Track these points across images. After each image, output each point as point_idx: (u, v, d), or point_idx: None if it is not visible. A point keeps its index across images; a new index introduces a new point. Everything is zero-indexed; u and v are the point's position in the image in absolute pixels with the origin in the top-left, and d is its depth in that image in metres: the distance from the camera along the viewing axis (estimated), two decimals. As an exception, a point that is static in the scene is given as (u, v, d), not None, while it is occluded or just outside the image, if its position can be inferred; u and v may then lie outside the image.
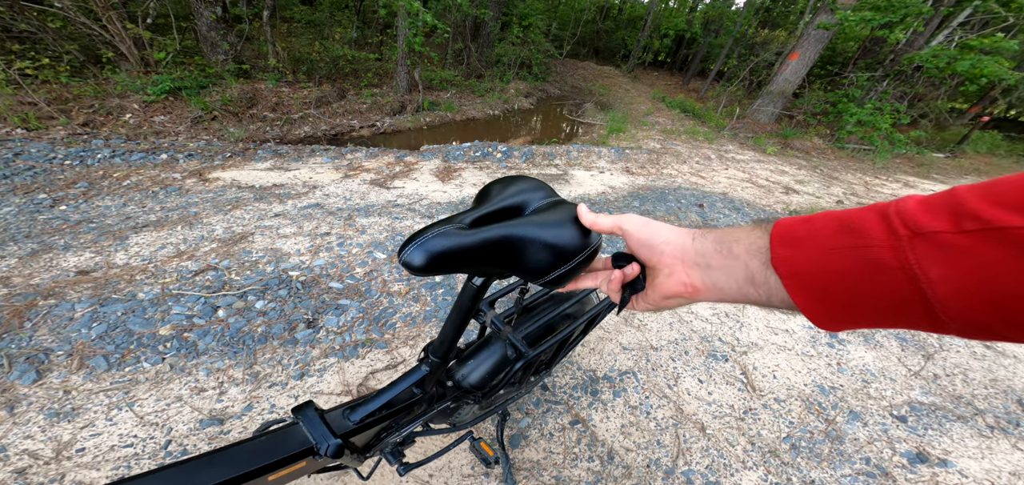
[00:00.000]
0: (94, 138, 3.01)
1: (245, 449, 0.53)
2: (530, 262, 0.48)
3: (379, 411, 0.67)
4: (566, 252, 0.48)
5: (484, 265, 0.47)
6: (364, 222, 2.41)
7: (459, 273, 0.47)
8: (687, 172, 4.61)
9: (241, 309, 1.60)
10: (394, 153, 3.77)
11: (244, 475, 0.50)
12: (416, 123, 5.39)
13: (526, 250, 0.47)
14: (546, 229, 0.48)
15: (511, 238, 0.46)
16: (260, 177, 2.89)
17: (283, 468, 0.54)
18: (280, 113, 4.37)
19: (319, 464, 0.63)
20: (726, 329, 1.92)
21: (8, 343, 1.34)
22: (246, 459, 0.52)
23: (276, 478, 0.55)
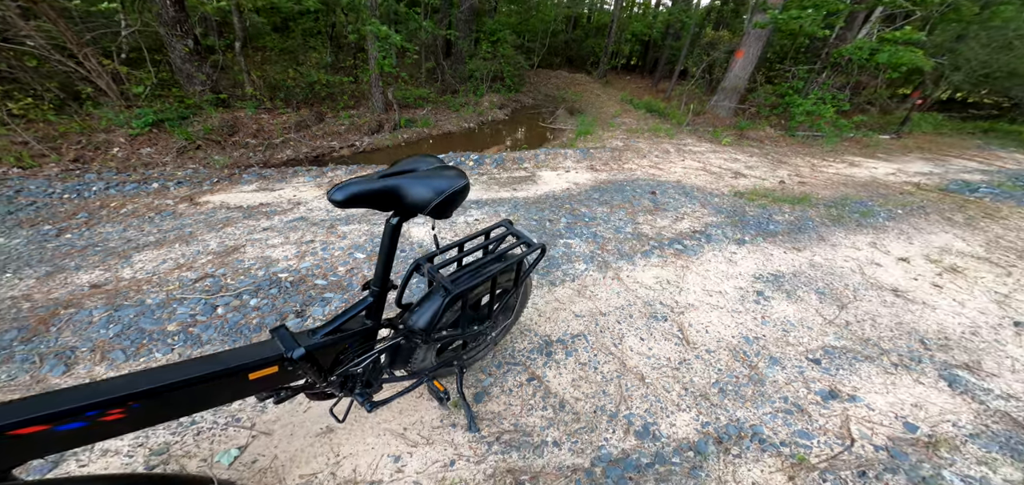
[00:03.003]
0: (87, 172, 3.11)
1: (233, 353, 0.71)
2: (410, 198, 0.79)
3: (335, 332, 0.85)
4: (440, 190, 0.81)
5: (383, 203, 0.77)
6: (345, 229, 2.57)
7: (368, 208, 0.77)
8: (646, 165, 4.87)
9: (237, 306, 1.76)
10: (373, 168, 3.92)
11: (230, 370, 0.68)
12: (394, 140, 5.56)
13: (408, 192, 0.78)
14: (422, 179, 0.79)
15: (397, 185, 0.77)
16: (247, 198, 3.03)
17: (259, 369, 0.72)
18: (261, 139, 4.49)
19: (290, 375, 0.80)
20: (667, 294, 2.13)
21: (38, 344, 1.50)
22: (233, 359, 0.69)
23: (255, 377, 0.72)
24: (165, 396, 0.64)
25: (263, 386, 0.77)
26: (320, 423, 1.32)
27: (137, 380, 0.62)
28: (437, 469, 1.24)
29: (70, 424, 0.57)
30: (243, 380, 0.73)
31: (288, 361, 0.77)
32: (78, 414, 0.57)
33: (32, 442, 0.55)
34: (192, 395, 0.67)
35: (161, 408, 0.65)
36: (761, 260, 2.63)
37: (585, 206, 3.30)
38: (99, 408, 0.58)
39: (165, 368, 0.66)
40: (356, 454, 1.24)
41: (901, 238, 3.18)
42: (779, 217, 3.41)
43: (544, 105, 10.00)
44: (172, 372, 0.65)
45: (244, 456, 1.23)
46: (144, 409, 0.63)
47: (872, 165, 6.07)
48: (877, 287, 2.39)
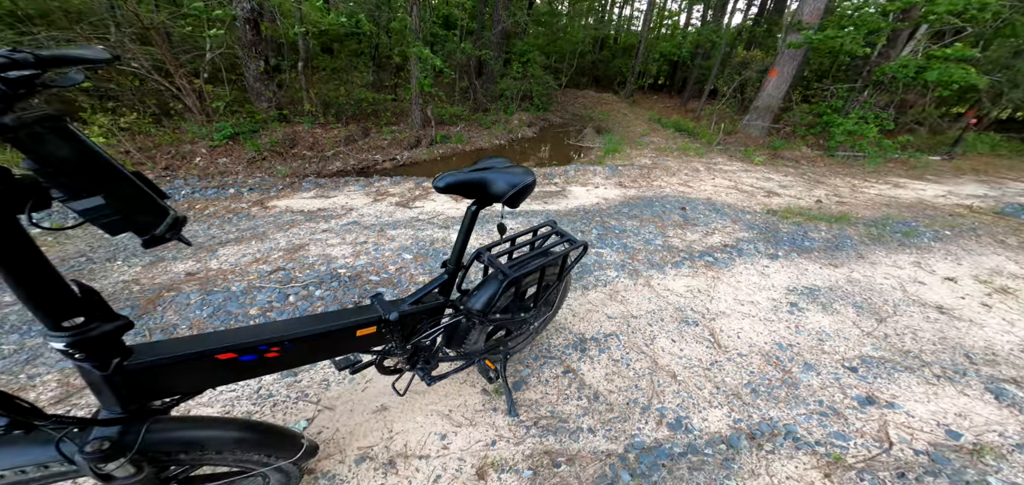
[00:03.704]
0: (175, 178, 3.59)
1: (344, 312, 0.90)
2: (493, 189, 0.98)
3: (417, 303, 1.02)
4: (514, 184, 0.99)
5: (470, 191, 0.98)
6: (393, 233, 2.82)
7: (459, 194, 0.96)
8: (675, 183, 4.91)
9: (305, 296, 2.00)
10: (414, 180, 4.24)
11: (345, 326, 0.87)
12: (431, 155, 5.91)
13: (491, 183, 0.98)
14: (501, 173, 0.98)
15: (483, 178, 0.98)
16: (307, 204, 3.38)
17: (364, 328, 0.90)
18: (316, 151, 4.95)
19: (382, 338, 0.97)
20: (698, 302, 2.18)
21: (148, 321, 1.78)
22: (346, 317, 0.88)
23: (360, 334, 0.90)
24: (305, 342, 0.82)
25: (364, 343, 0.95)
26: (376, 402, 1.47)
27: (288, 326, 0.82)
28: (479, 448, 1.35)
29: (248, 356, 0.75)
30: (352, 336, 0.91)
31: (384, 323, 0.94)
32: (253, 348, 0.75)
33: (225, 367, 0.74)
34: (320, 343, 0.86)
35: (301, 352, 0.83)
36: (795, 274, 2.62)
37: (615, 219, 3.40)
38: (266, 344, 0.77)
39: (303, 319, 0.86)
40: (407, 431, 1.38)
41: (948, 259, 3.05)
42: (815, 235, 3.36)
43: (571, 124, 10.22)
44: (309, 324, 0.84)
45: (311, 427, 1.39)
46: (292, 351, 0.82)
47: (919, 187, 5.78)
48: (920, 304, 2.33)
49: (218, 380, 0.76)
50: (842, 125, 7.04)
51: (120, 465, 0.66)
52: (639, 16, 21.26)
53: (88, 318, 0.59)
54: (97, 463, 0.63)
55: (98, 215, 0.53)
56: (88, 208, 0.51)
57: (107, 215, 0.53)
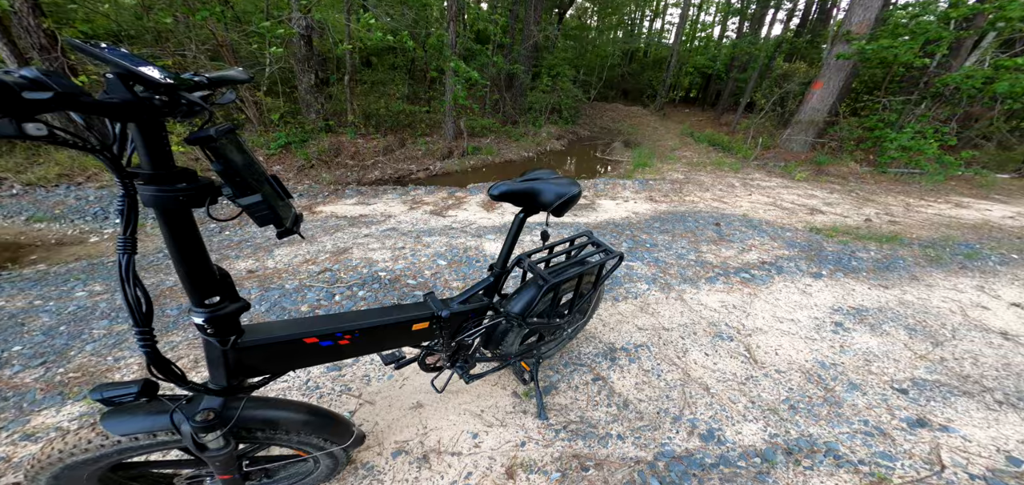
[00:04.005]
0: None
1: (402, 308, 1.02)
2: (542, 198, 1.08)
3: (466, 302, 1.13)
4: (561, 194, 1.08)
5: (521, 200, 1.08)
6: (428, 240, 3.00)
7: (511, 202, 1.07)
8: (709, 198, 4.85)
9: (349, 296, 2.19)
10: (447, 190, 4.46)
11: (403, 321, 0.98)
12: (462, 166, 6.16)
13: (541, 193, 1.08)
14: (550, 184, 1.07)
15: (534, 187, 1.08)
16: (350, 210, 3.67)
17: (419, 323, 1.02)
18: (357, 160, 5.33)
19: (433, 333, 1.08)
20: (733, 317, 2.17)
21: None
22: (405, 311, 1.00)
23: (416, 328, 1.02)
24: (370, 332, 0.93)
25: (417, 338, 1.04)
26: (412, 399, 1.57)
27: (358, 317, 0.93)
28: (509, 447, 1.42)
29: (326, 342, 0.86)
30: (408, 330, 1.00)
31: (437, 319, 1.04)
32: (331, 335, 0.86)
33: (308, 351, 0.84)
34: (382, 334, 0.96)
35: (366, 341, 0.94)
36: (841, 294, 2.54)
37: (646, 233, 3.42)
38: (341, 332, 0.88)
39: (369, 311, 0.98)
40: (441, 428, 1.46)
41: (1016, 284, 2.84)
42: (863, 255, 3.23)
43: (600, 137, 10.29)
44: (374, 316, 0.95)
45: (353, 419, 1.52)
46: (360, 340, 0.92)
47: (984, 207, 5.39)
48: (982, 329, 2.19)
49: (301, 362, 0.86)
50: (896, 140, 6.69)
51: (216, 437, 0.75)
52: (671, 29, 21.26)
53: (222, 298, 0.70)
54: (200, 432, 0.73)
55: (255, 209, 0.64)
56: (250, 204, 0.63)
57: (261, 210, 0.64)
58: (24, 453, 1.27)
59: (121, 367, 1.65)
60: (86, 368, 1.61)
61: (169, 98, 0.55)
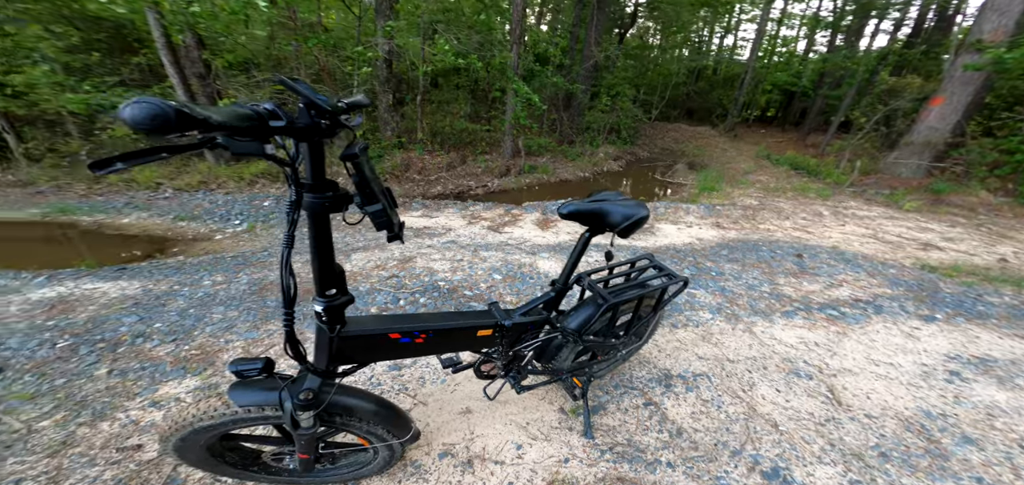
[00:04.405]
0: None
1: (469, 314, 1.12)
2: (609, 219, 1.12)
3: (527, 314, 1.20)
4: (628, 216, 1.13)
5: (588, 219, 1.14)
6: (485, 254, 3.20)
7: (577, 221, 1.13)
8: (789, 227, 4.46)
9: (412, 301, 2.42)
10: (504, 207, 4.70)
11: (471, 326, 1.07)
12: (518, 184, 6.41)
13: (609, 214, 1.14)
14: (617, 205, 1.13)
15: (602, 208, 1.14)
16: (416, 222, 4.05)
17: (484, 330, 1.10)
18: (423, 176, 5.87)
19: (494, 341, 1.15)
20: (815, 355, 1.99)
21: (300, 309, 2.32)
22: (472, 318, 1.10)
23: (480, 334, 1.10)
24: (442, 334, 1.02)
25: (479, 343, 1.13)
26: (462, 404, 1.66)
27: (432, 319, 1.04)
28: (552, 463, 1.44)
29: (404, 338, 0.96)
30: (473, 335, 1.09)
31: (500, 328, 1.12)
32: (411, 333, 0.96)
33: (391, 345, 0.96)
34: (451, 337, 1.05)
35: (437, 341, 1.03)
36: (960, 341, 2.19)
37: (710, 261, 3.27)
38: (418, 331, 0.97)
39: (442, 314, 1.08)
40: (486, 436, 1.52)
41: None
42: (995, 299, 2.74)
43: (660, 158, 10.00)
44: (446, 319, 1.06)
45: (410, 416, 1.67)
46: (433, 339, 1.01)
47: None
48: None
49: (384, 355, 0.98)
50: (1048, 163, 5.58)
51: (309, 416, 0.85)
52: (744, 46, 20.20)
53: (337, 291, 0.82)
54: (298, 410, 0.83)
55: (376, 216, 0.75)
56: (373, 211, 0.75)
57: (381, 217, 0.76)
58: (149, 418, 1.56)
59: (229, 348, 2.00)
60: (204, 347, 1.99)
61: (331, 122, 0.70)
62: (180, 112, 0.45)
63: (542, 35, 9.14)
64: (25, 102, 5.06)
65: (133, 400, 1.63)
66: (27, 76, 4.74)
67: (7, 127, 5.32)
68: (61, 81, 4.85)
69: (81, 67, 5.26)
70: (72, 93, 4.77)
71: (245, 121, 0.56)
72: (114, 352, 1.92)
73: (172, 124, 0.44)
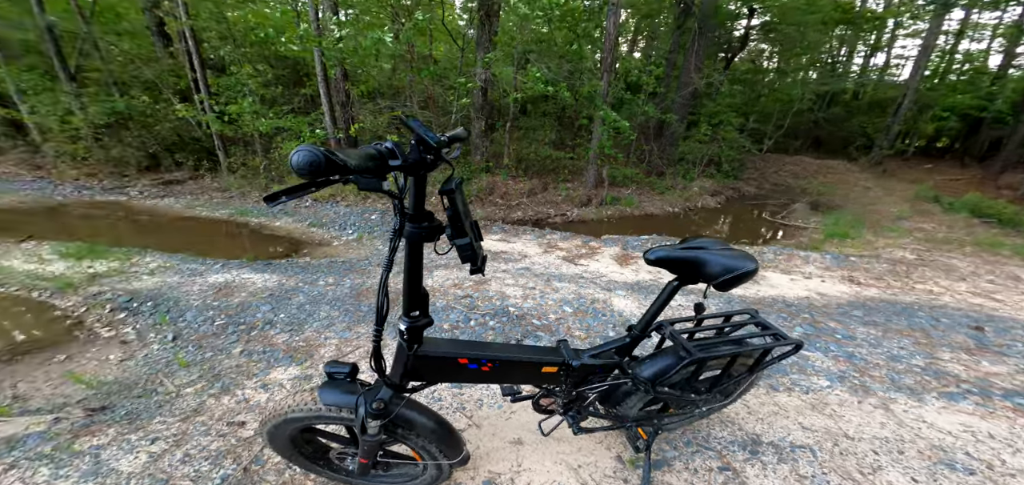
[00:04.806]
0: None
1: (536, 349, 1.13)
2: (705, 270, 1.03)
3: (597, 356, 1.15)
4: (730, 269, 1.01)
5: (678, 268, 1.05)
6: (558, 285, 3.21)
7: (665, 269, 1.06)
8: (963, 290, 3.46)
9: (482, 323, 2.55)
10: (581, 238, 4.67)
11: (537, 362, 1.07)
12: (599, 215, 6.30)
13: (706, 264, 1.03)
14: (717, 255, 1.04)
15: (697, 257, 1.04)
16: (494, 246, 4.28)
17: (549, 367, 1.08)
18: (505, 201, 6.22)
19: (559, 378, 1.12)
20: (985, 448, 1.48)
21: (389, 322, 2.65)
22: (539, 353, 1.10)
23: (545, 371, 1.08)
24: (507, 365, 1.04)
25: (543, 379, 1.12)
26: (514, 434, 1.62)
27: (500, 349, 1.07)
28: None
29: (472, 364, 1.00)
30: (537, 370, 1.08)
31: (566, 367, 1.09)
32: (478, 360, 1.00)
33: (458, 370, 1.01)
34: (515, 369, 1.07)
35: (502, 372, 1.05)
36: None
37: (834, 321, 2.73)
38: (485, 359, 1.01)
39: (509, 346, 1.11)
40: (533, 471, 1.46)
41: None
42: None
43: (772, 196, 8.80)
44: (513, 351, 1.09)
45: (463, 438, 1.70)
46: (498, 369, 1.04)
47: None
48: None
49: (452, 378, 1.02)
50: None
51: (377, 424, 0.92)
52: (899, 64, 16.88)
53: (420, 312, 0.89)
54: (369, 417, 0.90)
55: (463, 249, 0.80)
56: (461, 244, 0.81)
57: (467, 251, 0.81)
58: (257, 399, 1.85)
59: (327, 344, 2.33)
60: (309, 341, 2.38)
61: (434, 157, 0.77)
62: (329, 159, 0.57)
63: (635, 63, 9.06)
64: (233, 126, 6.89)
65: (250, 380, 2.02)
66: (238, 106, 6.50)
67: (220, 145, 7.35)
68: (257, 110, 6.52)
69: (269, 98, 7.01)
70: (263, 119, 6.37)
71: (370, 161, 0.66)
72: (248, 335, 2.43)
73: (322, 169, 0.56)
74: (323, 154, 0.55)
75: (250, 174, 7.20)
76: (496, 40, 6.60)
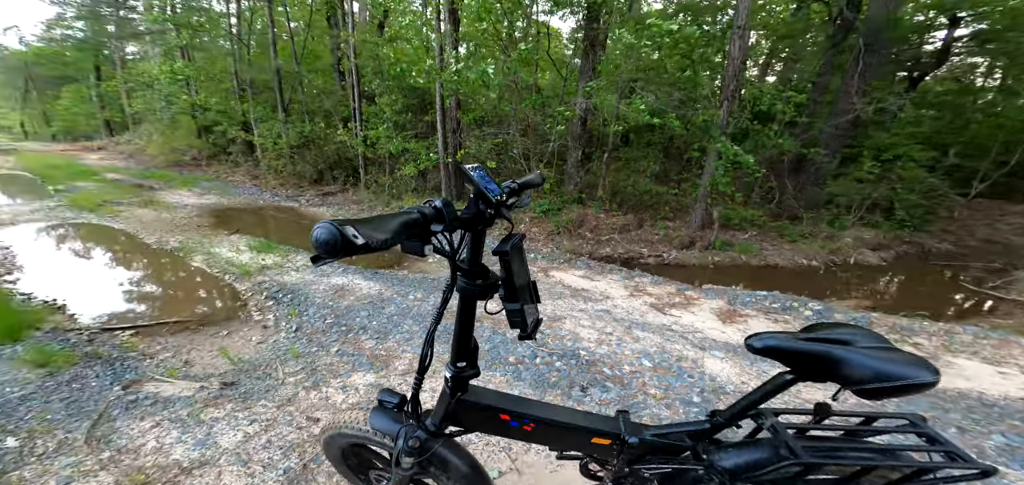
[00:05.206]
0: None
1: (588, 415, 1.02)
2: (842, 371, 0.73)
3: (662, 436, 0.99)
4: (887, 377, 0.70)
5: (805, 364, 0.78)
6: (640, 334, 2.91)
7: (781, 362, 0.79)
8: None
9: (548, 362, 2.46)
10: (676, 285, 4.16)
11: (587, 429, 0.97)
12: (703, 260, 5.53)
13: (845, 364, 0.72)
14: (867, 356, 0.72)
15: (830, 353, 0.74)
16: (575, 281, 4.12)
17: (601, 438, 0.97)
18: (595, 234, 5.96)
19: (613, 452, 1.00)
20: None
21: None
22: (590, 420, 1.00)
23: (595, 442, 0.98)
24: (551, 427, 0.98)
25: (593, 449, 1.01)
26: None
27: (546, 410, 1.00)
28: None
29: (513, 421, 0.97)
30: (587, 439, 0.99)
31: (622, 442, 0.96)
32: (520, 416, 0.96)
33: (499, 423, 0.99)
34: (562, 434, 0.99)
35: (546, 434, 0.99)
36: None
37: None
38: (527, 418, 0.96)
39: (557, 408, 1.03)
40: None
41: None
42: None
43: (977, 256, 6.51)
44: (561, 414, 1.00)
45: (499, 480, 1.62)
46: (541, 431, 0.98)
47: None
48: None
49: (490, 430, 1.01)
50: None
51: (411, 461, 0.95)
52: None
53: (467, 364, 0.91)
54: (404, 453, 0.94)
55: (513, 314, 0.80)
56: (512, 309, 0.80)
57: (516, 316, 0.80)
58: (336, 399, 2.07)
59: (401, 357, 2.53)
60: (390, 351, 2.61)
61: (495, 212, 0.76)
62: (345, 240, 0.55)
63: (767, 89, 7.82)
64: (372, 149, 8.33)
65: (336, 379, 2.30)
66: (376, 131, 7.84)
67: (362, 165, 8.97)
68: (390, 134, 7.72)
69: (400, 123, 8.20)
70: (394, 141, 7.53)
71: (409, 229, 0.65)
72: (345, 336, 2.79)
73: (338, 248, 0.54)
74: (339, 234, 0.53)
75: (379, 190, 8.57)
76: (600, 68, 6.49)
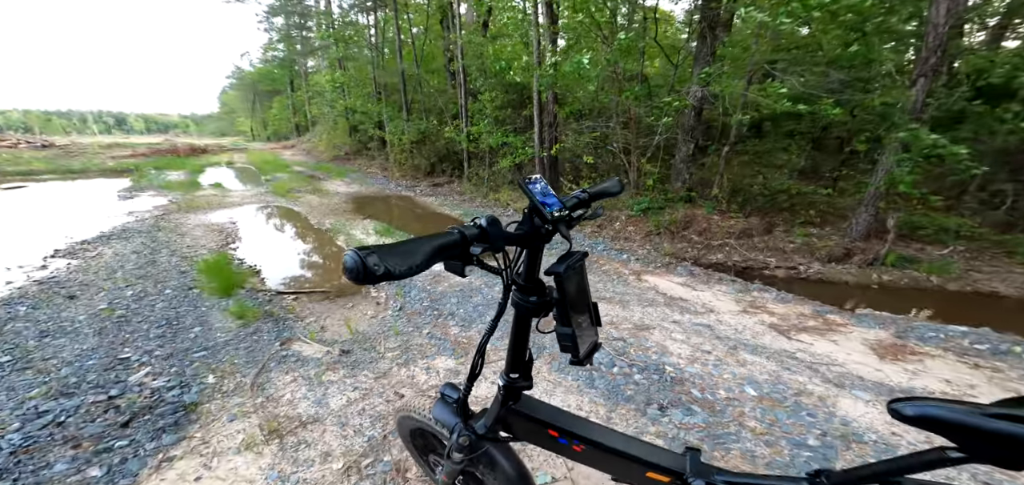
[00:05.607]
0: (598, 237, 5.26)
1: (647, 446, 0.91)
2: None
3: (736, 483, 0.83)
4: None
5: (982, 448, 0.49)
6: (747, 358, 2.45)
7: (942, 435, 0.51)
8: None
9: (626, 373, 2.26)
10: (812, 305, 3.35)
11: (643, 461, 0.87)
12: (862, 278, 4.24)
13: None
14: None
15: None
16: (673, 289, 3.69)
17: (657, 472, 0.86)
18: (703, 238, 5.17)
19: None
20: None
21: None
22: (649, 452, 0.89)
23: (651, 476, 0.87)
24: (601, 451, 0.92)
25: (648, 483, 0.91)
26: None
27: (599, 432, 0.94)
28: None
29: (562, 439, 0.94)
30: (642, 473, 0.89)
31: (682, 482, 0.85)
32: (570, 435, 0.93)
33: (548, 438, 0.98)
34: (613, 462, 0.93)
35: (596, 458, 0.94)
36: None
37: None
38: (576, 438, 0.93)
39: (612, 433, 0.96)
40: None
41: None
42: None
43: None
44: (615, 439, 0.93)
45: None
46: (589, 453, 0.93)
47: None
48: None
49: (537, 442, 1.01)
50: None
51: (461, 456, 1.00)
52: None
53: (520, 375, 0.93)
54: (456, 448, 1.00)
55: (564, 338, 0.77)
56: (563, 333, 0.78)
57: (567, 341, 0.78)
58: (420, 379, 2.25)
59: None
60: (471, 339, 2.74)
61: (553, 228, 0.74)
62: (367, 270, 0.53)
63: (1002, 57, 5.43)
64: (474, 143, 8.98)
65: (423, 359, 2.52)
66: (478, 127, 8.39)
67: (466, 158, 9.68)
68: (491, 129, 8.16)
69: (500, 119, 8.59)
70: (493, 135, 7.96)
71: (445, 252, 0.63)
72: (436, 321, 3.04)
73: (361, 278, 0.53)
74: (361, 264, 0.52)
75: (479, 182, 9.15)
76: (722, 51, 5.56)
